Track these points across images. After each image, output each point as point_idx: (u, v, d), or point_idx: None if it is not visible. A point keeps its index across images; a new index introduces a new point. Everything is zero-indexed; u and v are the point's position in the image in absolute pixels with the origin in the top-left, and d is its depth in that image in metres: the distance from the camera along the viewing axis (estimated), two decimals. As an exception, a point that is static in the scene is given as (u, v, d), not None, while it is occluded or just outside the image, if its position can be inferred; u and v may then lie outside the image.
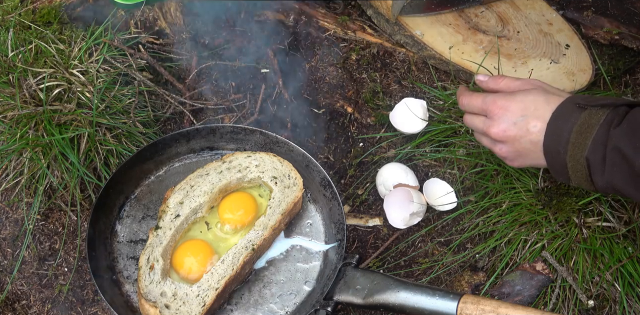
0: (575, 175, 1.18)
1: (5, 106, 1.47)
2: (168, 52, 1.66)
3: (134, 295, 1.39)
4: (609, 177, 1.13)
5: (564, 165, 1.17)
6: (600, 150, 1.12)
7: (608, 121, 1.13)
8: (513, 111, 1.23)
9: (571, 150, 1.15)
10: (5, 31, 1.55)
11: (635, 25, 1.77)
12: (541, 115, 1.20)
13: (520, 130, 1.22)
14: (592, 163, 1.14)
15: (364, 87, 1.66)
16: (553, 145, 1.18)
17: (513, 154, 1.26)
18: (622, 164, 1.10)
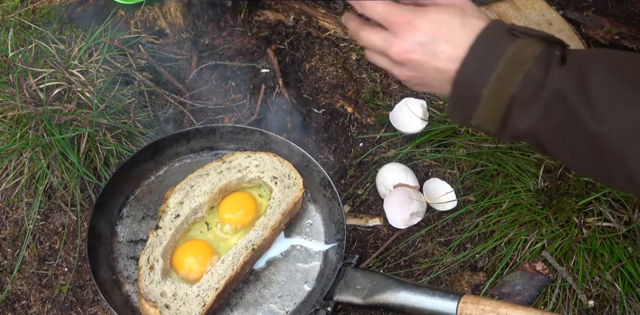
0: (485, 114, 1.00)
1: (5, 106, 1.47)
2: (168, 52, 1.66)
3: (134, 295, 1.39)
4: (536, 121, 0.97)
5: (475, 99, 1.00)
6: (533, 90, 0.96)
7: (545, 57, 0.98)
8: (422, 30, 1.04)
9: (494, 83, 0.98)
10: (5, 31, 1.55)
11: (635, 25, 1.77)
12: (453, 40, 1.02)
13: (426, 53, 1.04)
14: (516, 102, 0.97)
15: (364, 87, 1.66)
16: (470, 74, 1.00)
17: (415, 79, 1.08)
18: (561, 110, 0.95)
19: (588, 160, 0.97)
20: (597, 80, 0.92)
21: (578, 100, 0.93)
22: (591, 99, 0.91)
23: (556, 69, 0.97)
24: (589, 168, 0.99)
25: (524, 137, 1.01)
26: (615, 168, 0.93)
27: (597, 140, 0.93)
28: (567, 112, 0.94)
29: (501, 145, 1.52)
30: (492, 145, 1.52)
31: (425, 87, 1.10)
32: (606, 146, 0.92)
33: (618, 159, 0.92)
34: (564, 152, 0.99)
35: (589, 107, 0.91)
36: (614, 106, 0.91)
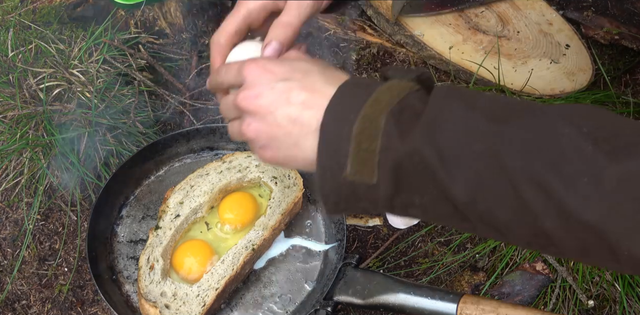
0: (360, 159, 0.82)
1: (5, 106, 1.47)
2: (168, 52, 1.66)
3: (134, 295, 1.39)
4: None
5: (347, 139, 0.82)
6: (391, 146, 0.81)
7: (399, 110, 0.82)
8: (275, 72, 0.90)
9: (357, 137, 0.82)
10: (5, 31, 1.55)
11: (635, 25, 1.77)
12: (310, 85, 0.88)
13: (278, 97, 0.88)
14: (389, 129, 0.81)
15: (364, 87, 1.66)
16: (333, 128, 0.83)
17: (265, 135, 0.89)
18: (419, 170, 0.80)
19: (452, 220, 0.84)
20: (449, 128, 0.79)
21: (432, 156, 0.79)
22: (441, 153, 0.79)
23: (409, 126, 0.81)
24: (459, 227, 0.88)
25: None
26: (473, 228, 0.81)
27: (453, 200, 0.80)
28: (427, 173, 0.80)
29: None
30: (492, 145, 1.52)
31: (277, 147, 0.90)
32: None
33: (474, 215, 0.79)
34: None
35: (441, 162, 0.79)
36: (460, 160, 0.79)
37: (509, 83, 1.64)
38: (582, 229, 0.73)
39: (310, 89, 0.88)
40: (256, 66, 0.91)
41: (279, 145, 0.89)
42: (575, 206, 0.73)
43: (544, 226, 0.75)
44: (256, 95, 0.89)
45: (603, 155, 0.74)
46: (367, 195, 0.83)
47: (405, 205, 0.83)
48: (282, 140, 0.89)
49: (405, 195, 0.82)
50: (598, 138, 0.75)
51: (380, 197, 0.83)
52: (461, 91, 0.83)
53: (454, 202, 0.79)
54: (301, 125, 0.87)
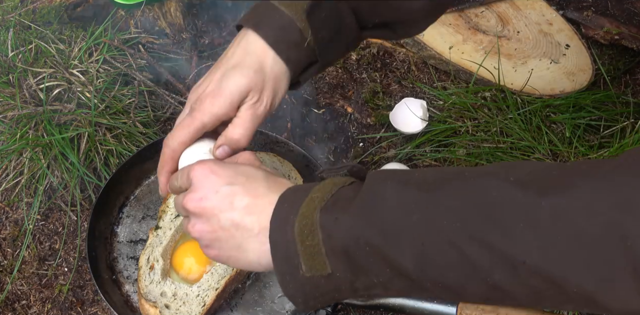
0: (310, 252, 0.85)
1: (5, 106, 1.47)
2: (168, 52, 1.66)
3: (134, 295, 1.39)
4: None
5: (292, 240, 0.86)
6: (330, 241, 0.84)
7: (332, 203, 0.87)
8: (220, 176, 0.94)
9: (299, 238, 0.86)
10: (5, 31, 1.55)
11: (635, 25, 1.77)
12: (252, 191, 0.92)
13: (221, 201, 0.92)
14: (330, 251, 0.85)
15: (364, 87, 1.66)
16: (279, 232, 0.88)
17: (208, 236, 0.94)
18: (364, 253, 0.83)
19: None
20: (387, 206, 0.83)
21: (374, 236, 0.82)
22: (383, 231, 0.81)
23: (344, 213, 0.84)
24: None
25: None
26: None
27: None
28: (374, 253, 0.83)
29: (501, 145, 1.52)
30: (492, 145, 1.53)
31: (219, 247, 0.94)
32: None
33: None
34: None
35: (385, 240, 0.81)
36: (402, 233, 0.81)
37: (509, 83, 1.64)
38: (530, 275, 0.75)
39: (252, 195, 0.92)
40: (202, 169, 0.96)
41: (223, 246, 0.94)
42: (517, 254, 0.75)
43: (494, 280, 0.77)
44: (201, 198, 0.93)
45: (533, 198, 0.75)
46: (328, 287, 0.86)
47: (366, 287, 0.85)
48: (225, 243, 0.93)
49: (363, 278, 0.84)
50: (525, 183, 0.77)
51: (341, 284, 0.86)
52: (393, 172, 0.88)
53: (408, 275, 0.81)
54: (243, 230, 0.91)
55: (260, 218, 0.91)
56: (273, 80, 1.07)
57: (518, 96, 1.61)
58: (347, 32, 1.07)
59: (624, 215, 0.71)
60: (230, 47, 1.08)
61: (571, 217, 0.73)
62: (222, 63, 1.07)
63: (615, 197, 0.72)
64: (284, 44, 1.04)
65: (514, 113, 1.55)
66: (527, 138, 1.52)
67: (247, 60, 1.05)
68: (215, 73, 1.07)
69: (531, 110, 1.57)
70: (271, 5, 1.05)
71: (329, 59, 1.10)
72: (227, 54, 1.07)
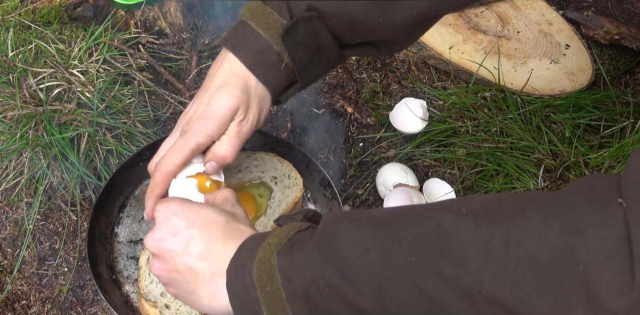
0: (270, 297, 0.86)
1: (5, 106, 1.47)
2: (168, 52, 1.66)
3: (134, 295, 1.39)
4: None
5: (251, 287, 0.87)
6: (293, 285, 0.85)
7: (285, 250, 0.88)
8: (180, 218, 0.97)
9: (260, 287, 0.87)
10: (5, 31, 1.55)
11: (635, 25, 1.77)
12: (208, 238, 0.94)
13: (178, 245, 0.95)
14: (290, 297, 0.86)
15: (364, 87, 1.66)
16: (236, 284, 0.90)
17: (166, 275, 0.97)
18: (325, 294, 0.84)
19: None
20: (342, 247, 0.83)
21: (333, 276, 0.82)
22: (340, 270, 0.82)
23: (303, 260, 0.85)
24: None
25: None
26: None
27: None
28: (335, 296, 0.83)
29: (501, 145, 1.52)
30: (492, 145, 1.53)
31: (176, 288, 0.97)
32: None
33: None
34: None
35: (343, 280, 0.82)
36: (359, 271, 0.81)
37: (509, 83, 1.64)
38: (486, 305, 0.74)
39: (208, 241, 0.94)
40: (164, 211, 0.98)
41: (179, 287, 0.97)
42: (472, 284, 0.74)
43: (452, 313, 0.76)
44: (159, 239, 0.97)
45: (485, 227, 0.75)
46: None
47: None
48: (180, 284, 0.96)
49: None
50: (478, 213, 0.77)
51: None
52: (348, 212, 0.88)
53: (367, 313, 0.81)
54: (196, 275, 0.94)
55: (213, 265, 0.93)
56: (258, 99, 1.09)
57: (518, 96, 1.61)
58: (327, 52, 1.08)
59: (573, 239, 0.70)
60: (214, 68, 1.10)
61: (522, 243, 0.73)
62: (209, 85, 1.09)
63: (562, 221, 0.72)
64: (262, 67, 1.06)
65: (514, 113, 1.55)
66: (527, 138, 1.52)
67: (233, 81, 1.07)
68: (202, 96, 1.10)
69: (531, 110, 1.57)
70: (249, 26, 1.06)
71: (309, 79, 1.12)
72: (213, 76, 1.10)
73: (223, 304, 0.93)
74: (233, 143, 1.10)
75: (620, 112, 1.57)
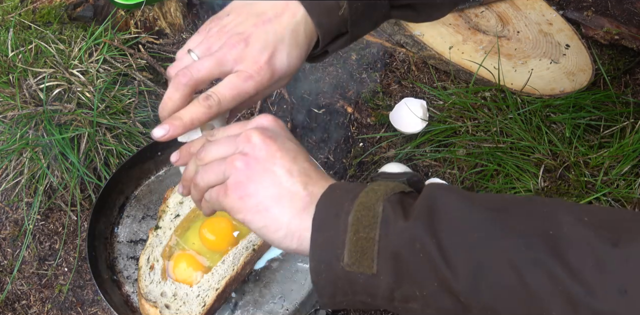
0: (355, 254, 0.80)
1: (5, 106, 1.47)
2: (168, 52, 1.66)
3: (134, 295, 1.39)
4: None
5: (343, 229, 0.81)
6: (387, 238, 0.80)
7: (392, 203, 0.82)
8: (276, 142, 0.90)
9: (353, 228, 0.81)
10: (5, 31, 1.55)
11: (635, 25, 1.77)
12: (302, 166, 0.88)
13: (255, 181, 0.87)
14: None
15: (364, 87, 1.66)
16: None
17: (244, 175, 0.87)
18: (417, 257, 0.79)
19: None
20: (447, 219, 0.79)
21: (431, 245, 0.78)
22: (440, 242, 0.78)
23: (402, 216, 0.80)
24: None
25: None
26: None
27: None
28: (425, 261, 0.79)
29: (501, 145, 1.52)
30: (492, 145, 1.53)
31: (247, 188, 0.87)
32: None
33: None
34: None
35: (440, 252, 0.77)
36: (460, 249, 0.77)
37: (509, 83, 1.64)
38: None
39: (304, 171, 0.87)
40: (258, 134, 0.90)
41: (254, 185, 0.87)
42: (583, 294, 0.72)
43: (551, 314, 0.73)
44: (203, 155, 0.91)
45: (604, 242, 0.73)
46: (366, 287, 0.81)
47: (405, 298, 0.80)
48: (257, 182, 0.87)
49: (406, 287, 0.79)
50: (598, 227, 0.74)
51: (380, 288, 0.80)
52: (456, 188, 0.83)
53: (456, 294, 0.76)
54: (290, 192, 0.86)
55: (310, 187, 0.86)
56: (302, 47, 1.01)
57: (518, 96, 1.61)
58: (380, 7, 1.05)
59: None
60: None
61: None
62: (260, 8, 1.00)
63: None
64: (318, 8, 1.00)
65: (514, 113, 1.55)
66: (527, 138, 1.52)
67: (285, 18, 0.99)
68: (248, 17, 1.00)
69: (531, 110, 1.57)
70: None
71: (358, 32, 1.06)
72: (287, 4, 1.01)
73: (303, 235, 0.85)
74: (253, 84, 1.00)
75: (620, 112, 1.57)
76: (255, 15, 1.00)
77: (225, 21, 1.02)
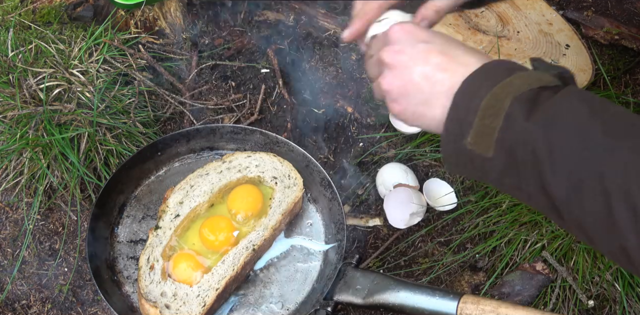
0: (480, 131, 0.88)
1: (5, 106, 1.47)
2: (168, 52, 1.66)
3: (134, 295, 1.39)
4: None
5: (473, 111, 0.88)
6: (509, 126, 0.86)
7: (529, 96, 0.88)
8: (417, 36, 0.96)
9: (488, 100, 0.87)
10: (5, 31, 1.55)
11: (635, 25, 1.77)
12: (449, 51, 0.94)
13: (417, 55, 0.94)
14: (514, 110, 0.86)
15: (364, 87, 1.66)
16: (467, 95, 0.89)
17: (398, 89, 0.95)
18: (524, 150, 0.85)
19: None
20: (567, 127, 0.84)
21: (542, 148, 0.84)
22: (552, 149, 0.83)
23: (529, 110, 0.86)
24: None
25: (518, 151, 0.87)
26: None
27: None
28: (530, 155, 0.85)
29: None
30: (492, 145, 1.52)
31: (406, 101, 0.95)
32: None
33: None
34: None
35: (548, 157, 0.84)
36: (566, 161, 0.83)
37: (509, 83, 1.64)
38: None
39: (448, 55, 0.93)
40: (401, 27, 0.98)
41: (410, 101, 0.95)
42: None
43: (626, 244, 0.78)
44: (397, 50, 0.95)
45: None
46: (481, 167, 0.89)
47: (513, 187, 0.88)
48: (412, 97, 0.94)
49: (514, 179, 0.87)
50: None
51: (492, 172, 0.88)
52: (593, 97, 0.87)
53: (551, 198, 0.83)
54: (433, 84, 0.92)
55: (452, 77, 0.91)
56: None
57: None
58: None
59: None
60: None
61: None
62: None
63: None
64: None
65: (514, 113, 1.55)
66: (527, 138, 1.52)
67: None
68: None
69: (531, 110, 1.56)
70: None
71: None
72: None
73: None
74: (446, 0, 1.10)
75: (620, 112, 1.57)
76: None
77: None
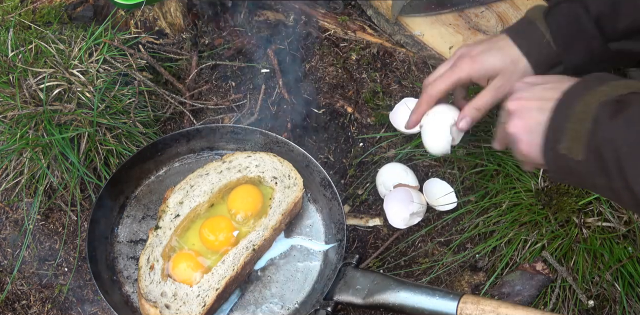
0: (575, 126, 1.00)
1: (5, 106, 1.47)
2: (168, 52, 1.66)
3: (134, 295, 1.39)
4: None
5: (567, 118, 1.01)
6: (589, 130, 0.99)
7: (608, 104, 1.00)
8: (533, 81, 1.14)
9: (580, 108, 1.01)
10: (5, 31, 1.55)
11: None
12: (559, 87, 1.07)
13: (532, 95, 1.10)
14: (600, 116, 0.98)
15: (364, 87, 1.66)
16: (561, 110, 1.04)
17: (522, 130, 1.09)
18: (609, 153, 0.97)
19: None
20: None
21: (623, 147, 0.95)
22: (634, 147, 0.94)
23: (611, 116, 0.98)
24: None
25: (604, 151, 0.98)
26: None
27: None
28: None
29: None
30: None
31: (530, 138, 1.08)
32: None
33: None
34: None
35: (630, 155, 0.94)
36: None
37: (509, 83, 1.64)
38: None
39: (558, 89, 1.06)
40: (520, 80, 1.16)
41: (532, 136, 1.07)
42: None
43: None
44: (518, 97, 1.12)
45: None
46: (576, 171, 0.99)
47: (605, 188, 0.98)
48: (534, 129, 1.06)
49: (604, 178, 0.96)
50: None
51: (585, 174, 0.98)
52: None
53: (635, 195, 0.92)
54: (545, 101, 1.06)
55: (556, 92, 1.05)
56: (518, 75, 1.28)
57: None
58: (588, 38, 1.24)
59: None
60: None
61: None
62: (493, 41, 1.33)
63: None
64: (525, 40, 1.29)
65: (514, 113, 1.55)
66: (527, 138, 1.52)
67: (508, 51, 1.30)
68: (487, 44, 1.33)
69: (531, 110, 1.57)
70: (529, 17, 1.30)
71: (572, 63, 1.27)
72: (499, 36, 1.33)
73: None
74: (489, 101, 1.31)
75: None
76: None
77: None
